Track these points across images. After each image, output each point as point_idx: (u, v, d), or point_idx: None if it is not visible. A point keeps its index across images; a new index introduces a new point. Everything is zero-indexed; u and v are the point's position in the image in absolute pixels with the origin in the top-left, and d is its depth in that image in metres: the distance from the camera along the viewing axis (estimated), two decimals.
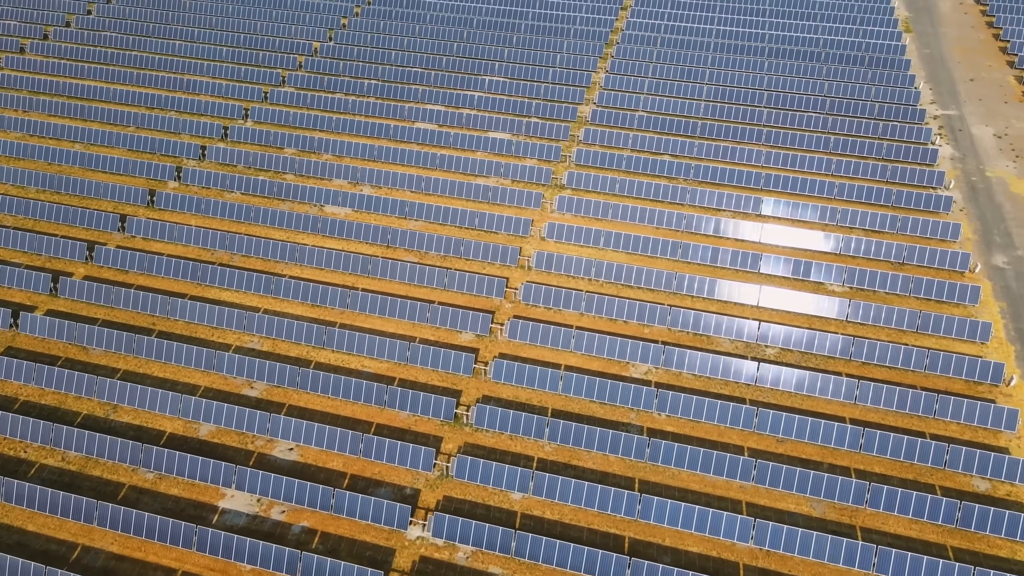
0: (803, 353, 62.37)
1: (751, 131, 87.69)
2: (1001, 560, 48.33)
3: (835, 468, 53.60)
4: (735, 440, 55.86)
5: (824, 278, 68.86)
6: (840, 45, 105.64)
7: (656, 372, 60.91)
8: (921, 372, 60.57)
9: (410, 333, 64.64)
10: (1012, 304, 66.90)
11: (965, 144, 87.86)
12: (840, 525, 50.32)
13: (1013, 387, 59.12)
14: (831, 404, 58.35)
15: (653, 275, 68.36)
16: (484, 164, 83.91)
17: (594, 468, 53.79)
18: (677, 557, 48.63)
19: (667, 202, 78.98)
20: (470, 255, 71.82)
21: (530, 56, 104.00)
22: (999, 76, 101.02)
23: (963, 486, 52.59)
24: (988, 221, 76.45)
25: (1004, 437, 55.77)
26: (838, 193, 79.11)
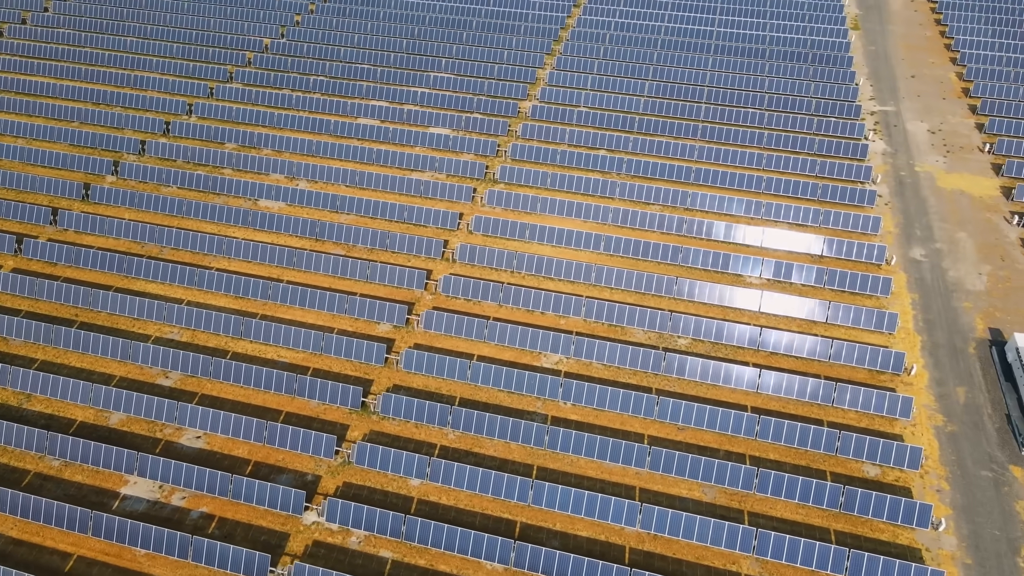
0: (713, 343, 63.44)
1: (690, 127, 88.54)
2: (881, 543, 49.31)
3: (731, 455, 54.62)
4: (636, 428, 56.82)
5: (742, 270, 70.00)
6: (786, 42, 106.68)
7: (567, 362, 61.78)
8: (826, 362, 61.55)
9: (330, 324, 65.55)
10: (924, 296, 67.88)
11: (899, 139, 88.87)
12: (729, 510, 51.30)
13: (913, 376, 60.13)
14: (735, 393, 59.36)
15: (573, 267, 69.34)
16: (422, 159, 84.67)
17: (495, 455, 54.74)
18: (566, 541, 49.58)
19: (598, 196, 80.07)
20: (396, 248, 72.77)
21: (479, 53, 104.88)
22: (941, 73, 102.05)
23: (854, 472, 53.60)
24: (911, 215, 77.45)
25: (899, 424, 56.79)
26: (766, 187, 79.71)
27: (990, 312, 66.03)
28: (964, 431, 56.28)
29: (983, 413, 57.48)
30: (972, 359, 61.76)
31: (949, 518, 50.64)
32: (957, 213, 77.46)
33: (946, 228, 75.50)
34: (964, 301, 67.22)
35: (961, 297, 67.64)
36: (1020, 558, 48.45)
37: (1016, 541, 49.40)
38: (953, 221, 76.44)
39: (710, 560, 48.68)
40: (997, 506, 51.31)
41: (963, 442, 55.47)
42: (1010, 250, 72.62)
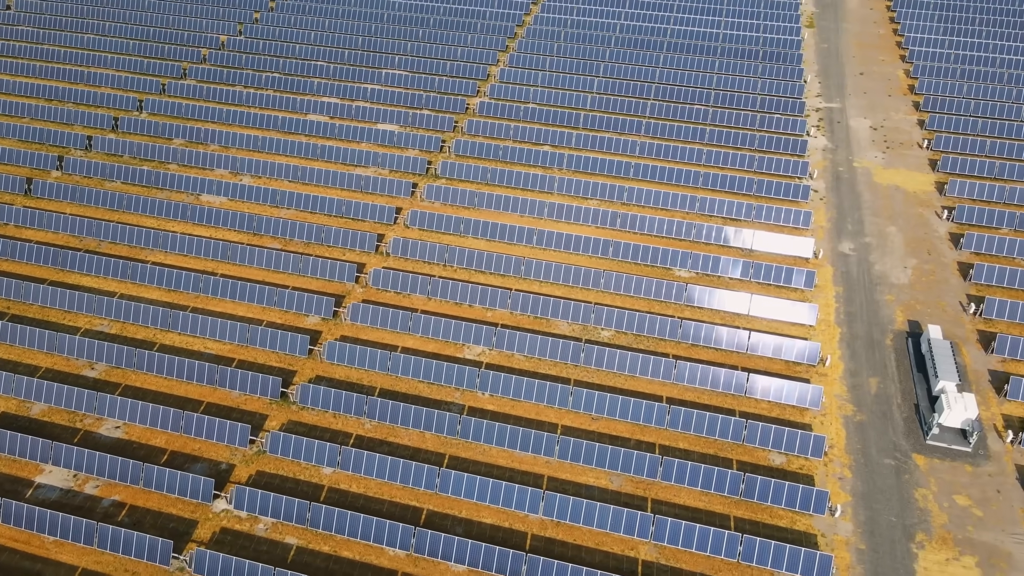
0: (636, 335, 64.27)
1: (635, 123, 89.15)
2: (779, 529, 50.15)
3: (641, 444, 55.43)
4: (551, 418, 57.59)
5: (671, 263, 70.84)
6: (739, 40, 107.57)
7: (489, 353, 62.51)
8: (745, 353, 62.47)
9: (259, 317, 66.19)
10: (848, 289, 68.71)
11: (841, 135, 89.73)
12: (633, 497, 52.11)
13: (828, 367, 61.00)
14: (652, 384, 60.18)
15: (503, 260, 69.98)
16: (367, 155, 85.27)
17: (409, 444, 55.52)
18: (469, 527, 50.34)
19: (537, 191, 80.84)
20: (331, 242, 73.52)
21: (433, 50, 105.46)
22: (889, 70, 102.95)
23: (760, 460, 54.41)
24: (844, 210, 78.29)
25: (809, 414, 57.60)
26: (703, 183, 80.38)
27: (911, 305, 66.93)
28: (872, 420, 57.14)
29: (893, 403, 58.34)
30: (888, 351, 62.63)
31: (848, 505, 51.53)
32: (890, 208, 78.32)
33: (877, 222, 76.37)
34: (887, 294, 68.09)
35: (884, 290, 68.50)
36: (914, 544, 49.32)
37: (912, 527, 50.25)
38: (885, 216, 77.31)
39: (609, 546, 49.47)
40: (896, 493, 52.15)
41: (870, 431, 56.33)
42: (937, 244, 73.47)
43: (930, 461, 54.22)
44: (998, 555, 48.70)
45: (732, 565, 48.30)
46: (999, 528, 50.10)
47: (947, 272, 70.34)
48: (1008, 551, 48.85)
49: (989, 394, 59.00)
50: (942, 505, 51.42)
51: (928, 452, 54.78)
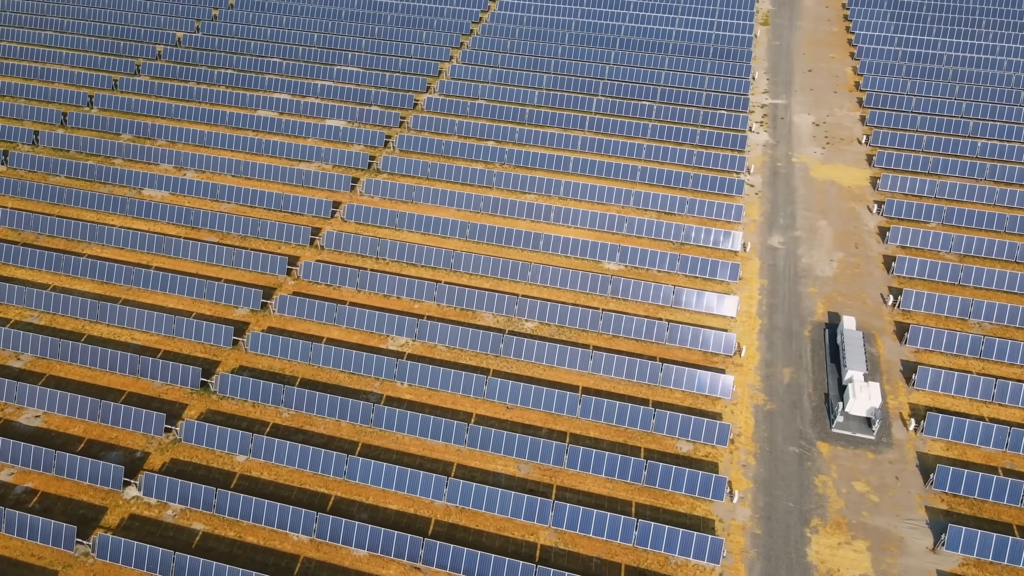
0: (559, 327, 65.11)
1: (581, 118, 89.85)
2: (679, 514, 50.95)
3: (553, 433, 56.31)
4: (467, 407, 58.38)
5: (600, 256, 71.66)
6: (692, 37, 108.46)
7: (413, 344, 63.38)
8: (664, 344, 63.37)
9: (190, 308, 66.88)
10: (773, 281, 69.58)
11: (783, 131, 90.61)
12: (539, 484, 52.92)
13: (744, 357, 61.90)
14: (570, 374, 61.04)
15: (434, 253, 70.48)
16: (313, 150, 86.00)
17: (324, 433, 56.35)
18: (375, 513, 51.16)
19: (476, 185, 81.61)
20: (267, 235, 74.21)
21: (387, 47, 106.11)
22: (838, 67, 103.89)
23: (668, 448, 55.28)
24: (778, 204, 79.17)
25: (720, 403, 58.48)
26: (640, 177, 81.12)
27: (833, 297, 67.81)
28: (782, 409, 57.99)
29: (804, 392, 59.22)
30: (805, 341, 63.50)
31: (748, 491, 52.38)
32: (823, 202, 79.21)
33: (809, 216, 77.27)
34: (811, 287, 68.96)
35: (809, 283, 69.37)
36: (808, 528, 50.19)
37: (808, 513, 51.12)
38: (817, 210, 78.22)
39: (510, 531, 50.26)
40: (797, 480, 53.03)
41: (778, 420, 57.17)
42: (866, 238, 74.39)
43: (834, 449, 55.13)
44: (890, 540, 49.59)
45: (628, 549, 49.17)
46: (894, 514, 50.97)
47: (872, 265, 71.25)
48: (900, 536, 49.75)
49: (899, 384, 59.92)
50: (840, 491, 52.30)
51: (833, 440, 55.68)
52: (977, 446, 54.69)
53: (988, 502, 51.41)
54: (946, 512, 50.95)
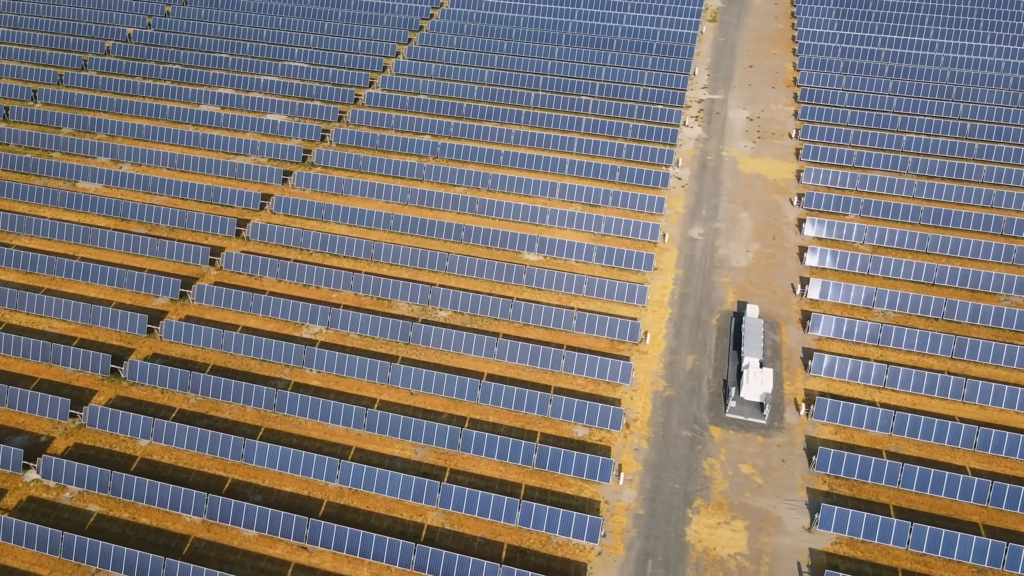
0: (471, 315, 66.13)
1: (519, 113, 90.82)
2: (566, 496, 51.90)
3: (453, 418, 57.45)
4: (372, 393, 59.43)
5: (520, 247, 72.63)
6: (637, 34, 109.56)
7: (326, 332, 64.43)
8: (573, 332, 64.45)
9: (111, 298, 67.84)
10: (688, 271, 70.73)
11: (717, 126, 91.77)
12: (433, 467, 53.99)
13: (649, 345, 63.07)
14: (476, 361, 62.09)
15: (356, 244, 71.47)
16: (251, 144, 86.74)
17: (228, 418, 57.30)
18: (269, 495, 52.19)
19: (407, 178, 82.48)
20: (194, 227, 75.25)
21: (335, 42, 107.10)
22: (779, 63, 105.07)
23: (564, 432, 56.36)
24: (703, 196, 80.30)
25: (621, 389, 59.59)
26: (569, 170, 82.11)
27: (744, 287, 68.95)
28: (680, 395, 59.11)
29: (704, 379, 60.35)
30: (711, 330, 64.63)
31: (637, 473, 53.48)
32: (747, 195, 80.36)
33: (731, 209, 78.42)
34: (724, 276, 70.09)
35: (723, 273, 70.51)
36: (690, 509, 51.27)
37: (692, 494, 52.23)
38: (740, 202, 79.35)
39: (400, 512, 51.30)
40: (686, 463, 54.14)
41: (675, 405, 58.28)
42: (784, 229, 75.54)
43: (725, 433, 56.24)
44: (768, 519, 50.68)
45: (512, 529, 50.24)
46: (776, 495, 52.10)
47: (787, 256, 72.36)
48: (779, 516, 50.83)
49: (798, 370, 61.05)
50: (726, 473, 53.42)
51: (726, 425, 56.77)
52: (864, 430, 55.86)
53: (868, 483, 52.57)
54: (826, 493, 52.08)
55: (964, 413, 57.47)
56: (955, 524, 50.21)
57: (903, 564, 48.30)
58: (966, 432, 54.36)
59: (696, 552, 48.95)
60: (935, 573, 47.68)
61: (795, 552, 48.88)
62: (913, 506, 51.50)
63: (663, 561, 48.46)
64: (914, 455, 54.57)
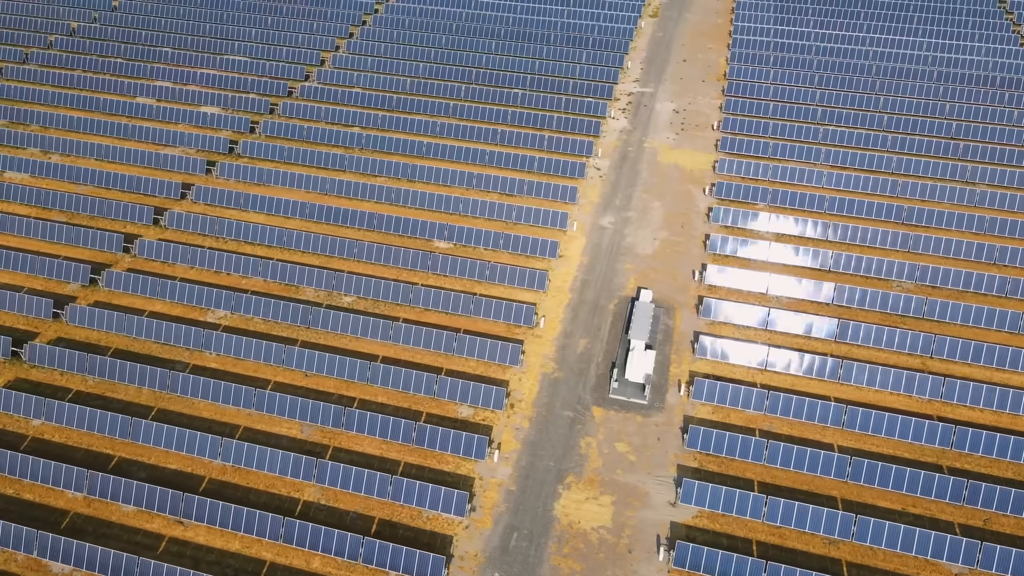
0: (375, 300, 67.37)
1: (449, 106, 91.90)
2: (443, 472, 53.10)
3: (343, 399, 58.76)
4: (267, 375, 60.67)
5: (431, 235, 73.83)
6: (576, 28, 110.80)
7: (231, 317, 65.67)
8: (470, 316, 65.78)
9: (23, 283, 68.73)
10: (593, 259, 72.09)
11: (643, 118, 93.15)
12: (317, 445, 55.33)
13: (544, 329, 64.39)
14: (374, 344, 63.35)
15: (268, 232, 72.52)
16: (179, 135, 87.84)
17: (124, 399, 58.47)
18: (153, 472, 53.42)
19: (330, 169, 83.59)
20: (113, 215, 76.45)
21: (275, 36, 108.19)
22: (712, 57, 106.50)
23: (449, 412, 57.65)
24: (619, 186, 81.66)
25: (511, 372, 60.91)
26: (491, 160, 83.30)
27: (647, 273, 70.33)
28: (568, 377, 60.46)
29: (593, 362, 61.72)
30: (607, 315, 66.01)
31: (515, 451, 54.78)
32: (662, 185, 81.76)
33: (645, 198, 79.83)
34: (628, 264, 71.47)
35: (627, 260, 71.89)
36: (561, 485, 52.59)
37: (565, 471, 53.55)
38: (655, 192, 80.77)
39: (278, 488, 52.56)
40: (563, 442, 55.48)
41: (562, 387, 59.62)
42: (693, 218, 76.97)
43: (607, 413, 57.62)
44: (636, 494, 52.03)
45: (385, 504, 51.53)
46: (646, 472, 53.47)
47: (692, 244, 73.76)
48: (647, 491, 52.17)
49: (686, 353, 62.41)
50: (601, 451, 54.78)
51: (608, 405, 58.14)
52: (740, 409, 57.22)
53: (736, 460, 53.96)
54: (695, 469, 53.51)
55: (841, 394, 59.06)
56: (815, 498, 51.83)
57: (758, 536, 49.77)
58: (835, 411, 55.81)
59: (561, 525, 50.29)
60: (788, 544, 49.28)
61: (656, 525, 50.26)
62: (777, 481, 53.07)
63: (527, 534, 49.80)
64: (786, 433, 56.15)
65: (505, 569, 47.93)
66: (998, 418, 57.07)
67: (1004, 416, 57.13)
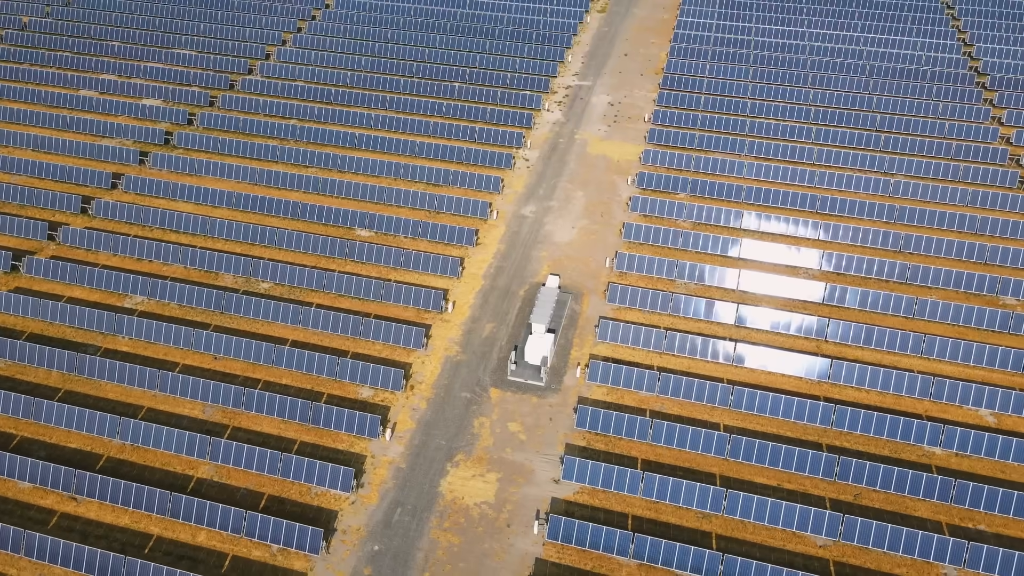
0: (290, 287, 68.43)
1: (387, 98, 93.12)
2: (337, 451, 54.51)
3: (248, 380, 59.92)
4: (176, 358, 61.68)
5: (352, 224, 74.86)
6: (521, 23, 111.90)
7: (147, 303, 66.72)
8: (382, 302, 67.02)
9: None
10: (510, 246, 73.36)
11: (577, 111, 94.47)
12: (216, 425, 56.53)
13: (452, 313, 65.70)
14: (285, 329, 64.44)
15: (192, 220, 73.68)
16: (118, 127, 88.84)
17: (33, 381, 59.65)
18: (54, 451, 54.65)
19: (262, 160, 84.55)
20: (42, 204, 77.55)
21: (222, 31, 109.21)
22: (654, 52, 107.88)
23: (350, 394, 58.87)
24: (545, 176, 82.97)
25: (415, 354, 62.21)
26: (421, 152, 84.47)
27: (561, 260, 71.63)
28: (470, 360, 61.75)
29: (496, 345, 63.02)
30: (517, 300, 67.28)
31: (409, 431, 56.07)
32: (587, 175, 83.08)
33: (569, 188, 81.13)
34: (544, 251, 72.75)
35: (543, 248, 73.18)
36: (450, 463, 53.88)
37: (455, 450, 54.81)
38: (579, 182, 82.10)
39: (174, 466, 53.82)
40: (457, 421, 56.76)
41: (463, 369, 60.94)
42: (613, 208, 78.33)
43: (504, 394, 58.91)
44: (521, 472, 53.34)
45: (275, 480, 52.79)
46: (535, 450, 54.80)
47: (609, 232, 75.11)
48: (532, 468, 53.50)
49: (589, 337, 63.77)
50: (494, 431, 56.08)
51: (506, 387, 59.41)
52: (633, 391, 58.54)
53: (623, 439, 55.31)
54: (583, 448, 54.88)
55: (734, 376, 60.35)
56: (695, 475, 53.24)
57: (635, 510, 51.12)
58: (722, 392, 57.22)
59: (445, 501, 51.58)
60: (662, 518, 50.63)
61: (538, 501, 51.57)
62: (661, 459, 54.44)
63: (411, 509, 51.08)
64: (676, 413, 57.53)
65: (385, 543, 49.29)
66: (882, 399, 58.68)
67: (888, 397, 58.74)
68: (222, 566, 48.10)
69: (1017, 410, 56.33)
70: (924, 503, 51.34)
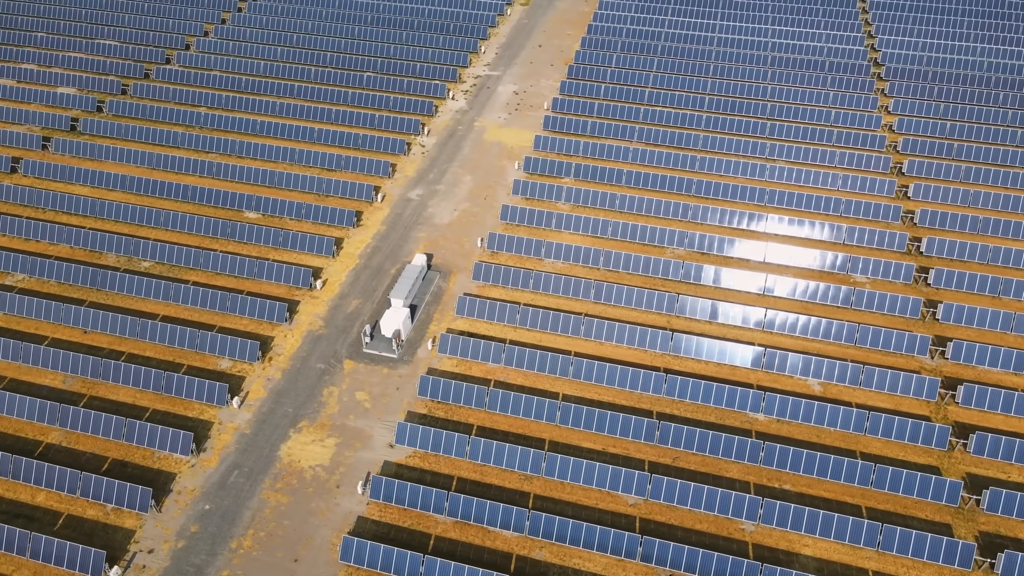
0: (171, 266, 70.20)
1: (299, 88, 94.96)
2: (187, 418, 56.52)
3: (113, 352, 61.68)
4: (47, 332, 63.64)
5: (240, 206, 76.83)
6: (443, 15, 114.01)
7: (27, 280, 68.66)
8: (256, 279, 68.86)
9: None
10: (391, 228, 75.50)
11: (482, 100, 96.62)
12: (75, 394, 58.42)
13: (321, 291, 67.83)
14: (159, 305, 66.43)
15: (89, 202, 75.73)
16: (28, 114, 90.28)
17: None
18: None
19: (164, 145, 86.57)
20: None
21: (146, 21, 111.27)
22: (568, 44, 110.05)
23: (210, 365, 60.82)
24: (438, 162, 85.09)
25: (278, 329, 64.10)
26: (320, 138, 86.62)
27: (437, 241, 73.80)
28: (331, 334, 63.91)
29: (358, 321, 65.19)
30: (386, 278, 69.44)
31: (260, 399, 58.21)
32: (479, 160, 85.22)
33: (458, 173, 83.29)
34: (422, 232, 74.96)
35: (422, 229, 75.36)
36: (293, 429, 56.03)
37: (300, 417, 56.96)
38: (470, 167, 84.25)
39: (26, 432, 55.51)
40: (308, 391, 58.90)
41: (323, 342, 63.11)
42: (497, 191, 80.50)
43: (357, 366, 61.08)
44: (360, 437, 55.53)
45: (120, 445, 54.75)
46: (376, 417, 56.97)
47: (488, 214, 77.27)
48: (371, 434, 55.68)
49: (450, 313, 65.97)
50: (341, 400, 58.24)
51: (360, 358, 61.61)
52: (480, 362, 60.75)
53: (461, 406, 57.51)
54: (423, 415, 57.03)
55: (581, 348, 62.57)
56: (526, 440, 55.45)
57: (462, 473, 53.27)
58: (563, 363, 59.51)
59: (281, 464, 53.74)
60: (487, 479, 52.77)
61: (370, 464, 53.75)
62: (496, 426, 56.56)
63: (248, 472, 53.23)
64: (519, 384, 59.79)
65: (217, 502, 51.40)
66: (719, 369, 60.94)
67: (724, 367, 60.96)
68: (56, 523, 50.25)
69: (842, 379, 58.86)
70: (736, 464, 53.80)
